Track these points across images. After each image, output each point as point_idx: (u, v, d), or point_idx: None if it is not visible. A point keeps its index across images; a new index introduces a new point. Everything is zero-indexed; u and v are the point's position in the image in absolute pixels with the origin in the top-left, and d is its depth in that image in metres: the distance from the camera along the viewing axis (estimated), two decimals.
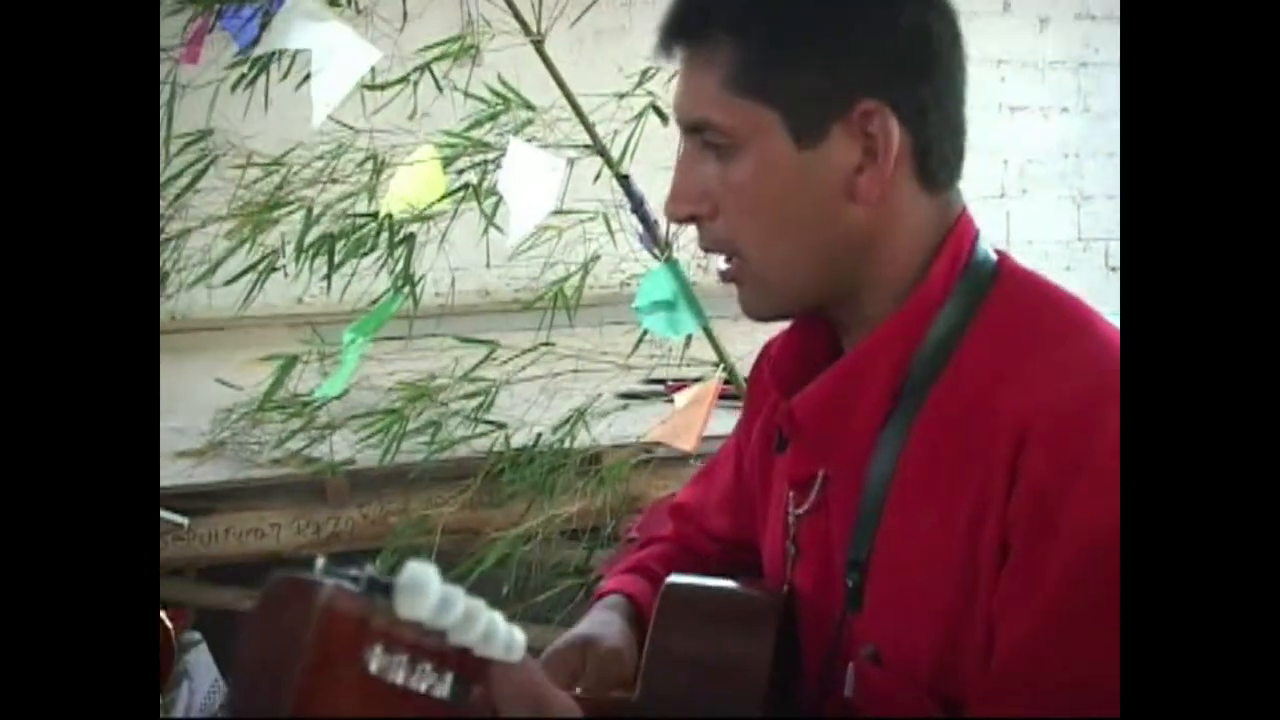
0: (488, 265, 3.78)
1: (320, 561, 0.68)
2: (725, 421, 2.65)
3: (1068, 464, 0.86)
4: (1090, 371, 0.90)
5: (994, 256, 0.99)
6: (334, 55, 2.12)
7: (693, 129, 0.96)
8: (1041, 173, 5.09)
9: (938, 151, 0.96)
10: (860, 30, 0.93)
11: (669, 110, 2.32)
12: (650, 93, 2.36)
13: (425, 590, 0.67)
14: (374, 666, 0.67)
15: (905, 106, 0.93)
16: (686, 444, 2.42)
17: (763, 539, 1.12)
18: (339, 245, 2.32)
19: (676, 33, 0.97)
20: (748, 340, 2.96)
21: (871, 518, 0.96)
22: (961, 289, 0.96)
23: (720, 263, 1.00)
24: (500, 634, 0.70)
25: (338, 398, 2.52)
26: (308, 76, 2.17)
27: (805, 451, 1.02)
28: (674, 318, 2.36)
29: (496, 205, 2.35)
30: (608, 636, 1.12)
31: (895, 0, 0.94)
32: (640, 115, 2.32)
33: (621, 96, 2.32)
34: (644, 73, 2.29)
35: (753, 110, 0.93)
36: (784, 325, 1.08)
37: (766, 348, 1.17)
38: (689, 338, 2.49)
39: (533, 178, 2.13)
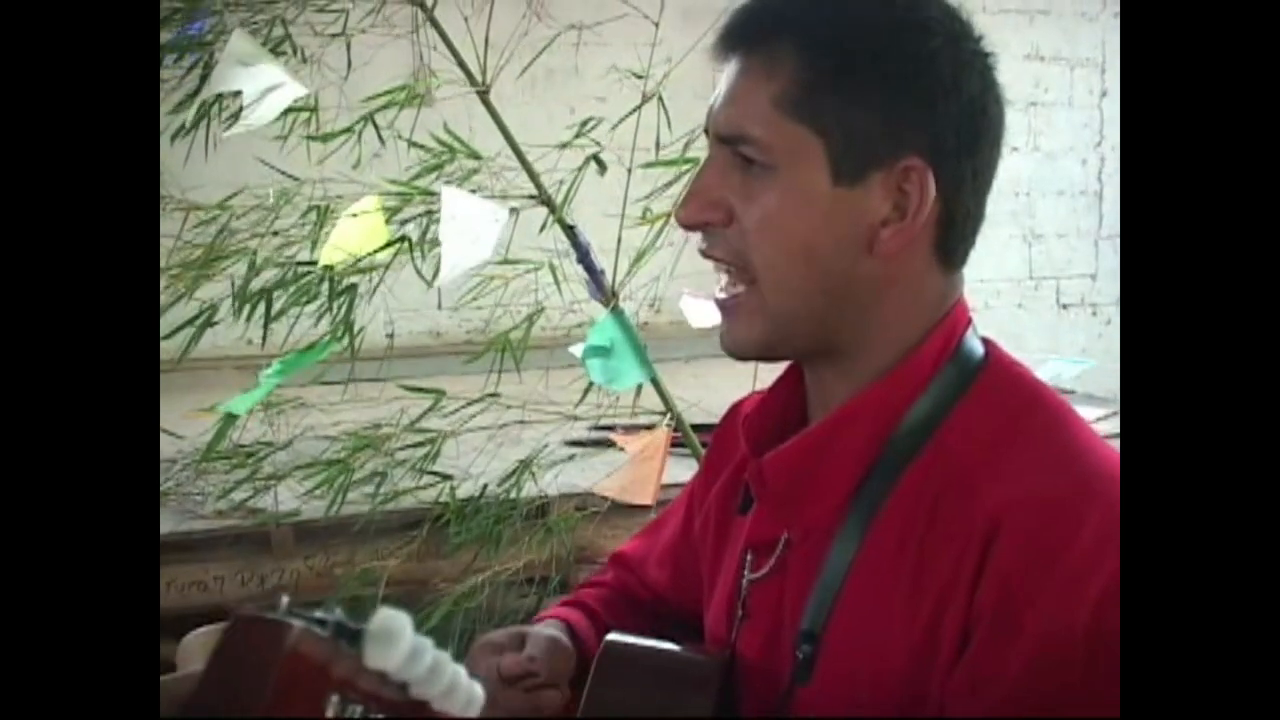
0: (439, 306, 3.76)
1: (284, 600, 0.67)
2: (677, 470, 2.65)
3: (1039, 560, 0.84)
4: (1069, 471, 0.88)
5: (982, 348, 0.98)
6: (266, 95, 2.10)
7: (728, 141, 0.93)
8: (993, 211, 5.05)
9: (960, 228, 0.95)
10: (928, 86, 0.91)
11: (611, 159, 2.35)
12: (596, 142, 2.36)
13: (397, 641, 0.65)
14: (330, 713, 0.65)
15: (946, 174, 0.92)
16: (644, 498, 2.39)
17: (709, 601, 1.10)
18: (279, 295, 2.29)
19: (740, 36, 0.94)
20: (698, 384, 2.97)
21: (831, 589, 0.94)
22: (948, 372, 0.95)
23: (718, 291, 0.98)
24: (462, 688, 0.69)
25: (282, 449, 2.48)
26: (237, 114, 2.15)
27: (771, 512, 1.00)
28: (620, 369, 2.34)
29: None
30: (547, 631, 1.11)
31: (966, 69, 0.93)
32: (584, 166, 2.31)
33: (564, 146, 2.31)
34: (584, 123, 2.28)
35: (799, 134, 0.91)
36: (751, 383, 1.07)
37: (737, 407, 1.16)
38: (637, 385, 2.47)
39: (472, 226, 2.11)
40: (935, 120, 0.92)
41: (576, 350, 2.35)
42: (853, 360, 0.97)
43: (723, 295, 0.97)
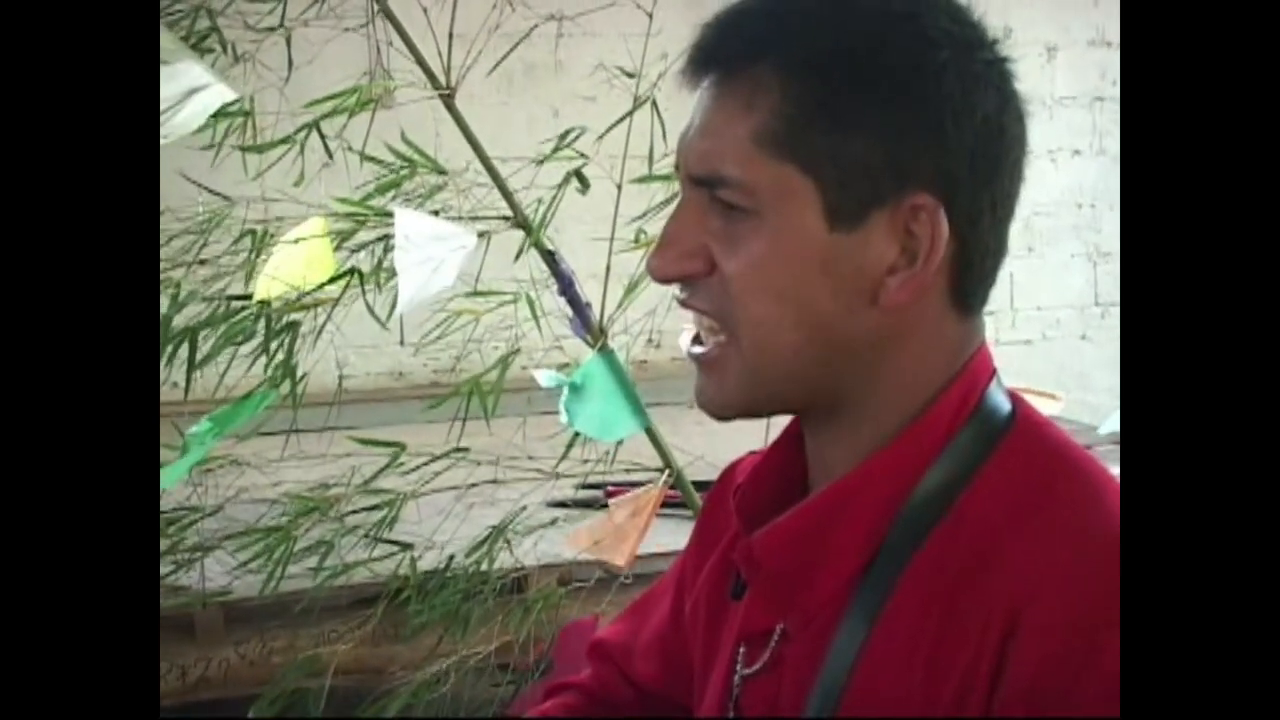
0: (401, 344, 3.75)
1: None
2: (669, 535, 2.63)
3: (1068, 667, 0.83)
4: (1099, 549, 0.86)
5: (1008, 404, 0.97)
6: (188, 98, 2.07)
7: (702, 182, 0.92)
8: (1051, 226, 5.11)
9: (979, 268, 0.94)
10: (935, 109, 0.90)
11: (599, 173, 2.32)
12: (580, 153, 2.33)
13: None
14: None
15: (961, 209, 0.91)
16: (618, 558, 2.37)
17: (700, 698, 1.08)
18: (207, 334, 2.26)
19: (713, 58, 0.93)
20: (702, 434, 2.92)
21: (836, 686, 0.92)
22: (968, 435, 0.94)
23: (690, 344, 0.97)
24: None
25: (210, 515, 2.45)
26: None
27: (764, 599, 0.99)
28: (610, 418, 2.31)
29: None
30: None
31: (979, 84, 0.91)
32: (565, 181, 2.29)
33: (541, 162, 2.29)
34: (565, 134, 2.26)
35: (785, 174, 0.90)
36: (765, 434, 1.07)
37: (729, 473, 1.15)
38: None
39: (433, 253, 2.08)
40: (945, 148, 0.90)
41: (544, 377, 2.32)
42: (857, 421, 0.96)
43: (697, 349, 0.96)
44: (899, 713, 0.89)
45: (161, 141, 1.96)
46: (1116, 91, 5.21)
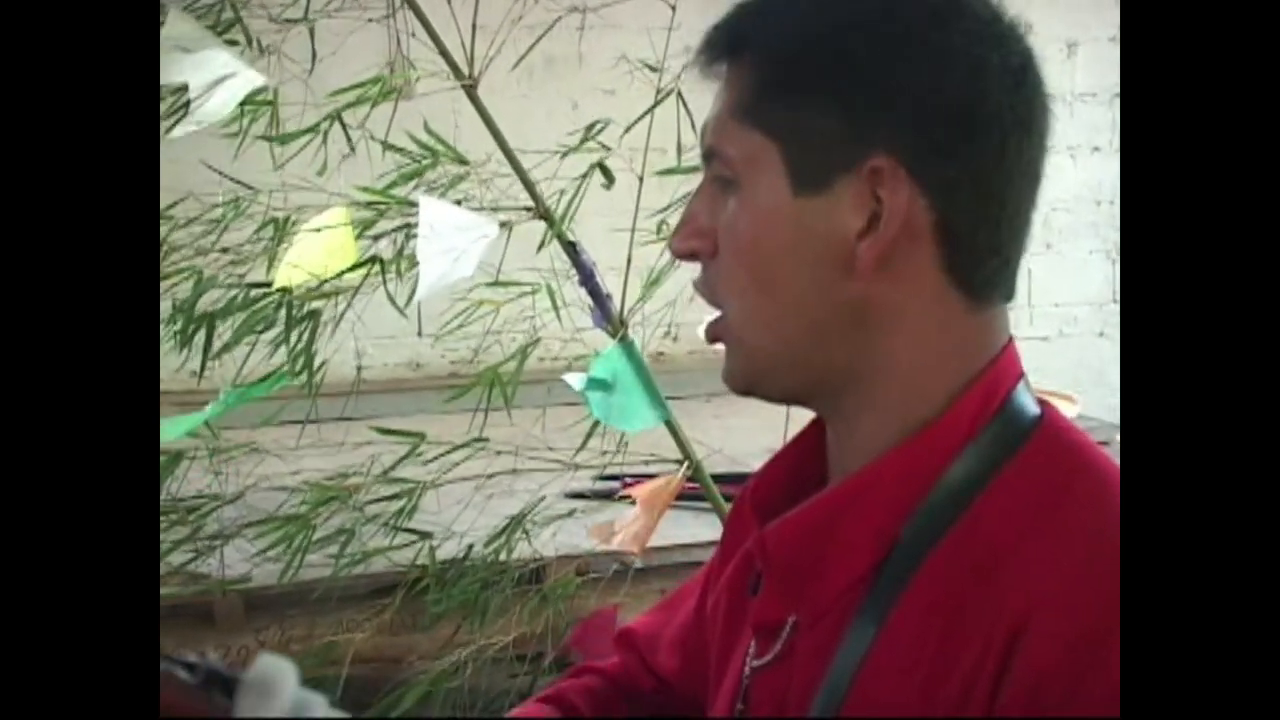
0: (419, 334, 3.76)
1: None
2: (696, 527, 2.63)
3: (1073, 673, 0.83)
4: (1111, 560, 0.85)
5: (1036, 408, 0.96)
6: (217, 86, 2.08)
7: (706, 158, 0.97)
8: (1069, 223, 5.10)
9: (971, 246, 0.94)
10: (895, 78, 0.91)
11: (621, 165, 2.33)
12: (603, 145, 2.34)
13: (275, 694, 0.65)
14: None
15: (931, 178, 0.91)
16: (632, 547, 2.37)
17: (715, 692, 1.09)
18: (227, 321, 2.27)
19: (716, 49, 0.98)
20: (720, 426, 2.94)
21: (843, 680, 0.92)
22: (990, 436, 0.94)
23: (708, 317, 0.99)
24: None
25: (230, 502, 2.46)
26: (182, 110, 2.14)
27: (776, 591, 1.00)
28: (629, 409, 2.32)
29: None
30: None
31: (949, 56, 0.92)
32: (588, 173, 2.29)
33: (564, 154, 2.29)
34: (589, 126, 2.27)
35: (754, 140, 0.94)
36: (784, 428, 1.06)
37: (752, 476, 1.15)
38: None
39: (455, 243, 2.09)
40: (904, 117, 0.91)
41: (575, 380, 2.33)
42: (868, 413, 0.96)
43: (710, 319, 1.00)
44: (902, 712, 0.89)
45: (191, 129, 1.98)
46: None
